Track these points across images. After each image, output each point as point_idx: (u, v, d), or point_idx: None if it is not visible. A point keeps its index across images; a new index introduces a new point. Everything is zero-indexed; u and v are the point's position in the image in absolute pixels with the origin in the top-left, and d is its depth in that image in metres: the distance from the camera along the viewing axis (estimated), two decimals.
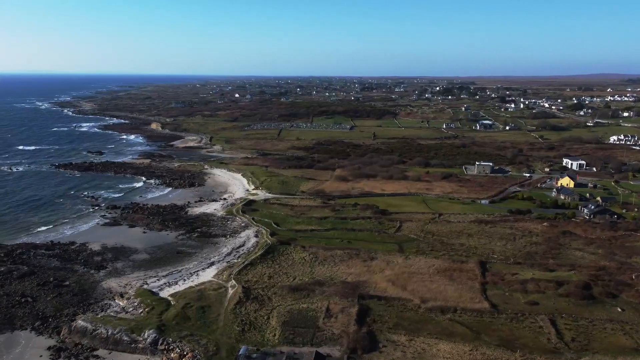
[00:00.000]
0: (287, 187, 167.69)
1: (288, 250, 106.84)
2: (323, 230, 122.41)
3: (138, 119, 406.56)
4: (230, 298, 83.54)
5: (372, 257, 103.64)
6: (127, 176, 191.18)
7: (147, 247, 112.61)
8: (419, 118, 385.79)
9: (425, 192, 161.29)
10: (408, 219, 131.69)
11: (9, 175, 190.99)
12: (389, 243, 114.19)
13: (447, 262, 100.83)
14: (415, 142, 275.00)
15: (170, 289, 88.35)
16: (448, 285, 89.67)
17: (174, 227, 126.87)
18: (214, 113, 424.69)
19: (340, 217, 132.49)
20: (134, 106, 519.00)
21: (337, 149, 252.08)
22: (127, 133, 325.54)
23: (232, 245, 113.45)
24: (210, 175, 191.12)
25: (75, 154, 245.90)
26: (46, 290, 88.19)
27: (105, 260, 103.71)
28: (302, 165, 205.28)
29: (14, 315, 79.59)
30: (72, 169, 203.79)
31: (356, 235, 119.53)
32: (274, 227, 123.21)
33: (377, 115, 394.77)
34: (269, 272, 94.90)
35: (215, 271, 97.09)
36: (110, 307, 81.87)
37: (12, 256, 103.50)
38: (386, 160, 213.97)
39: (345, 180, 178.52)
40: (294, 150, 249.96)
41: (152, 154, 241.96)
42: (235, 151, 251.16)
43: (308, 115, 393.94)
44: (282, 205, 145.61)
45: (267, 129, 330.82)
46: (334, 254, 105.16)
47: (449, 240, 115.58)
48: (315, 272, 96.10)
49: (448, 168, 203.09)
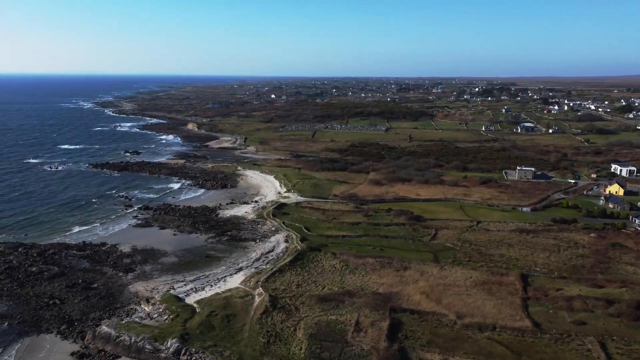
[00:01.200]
0: (319, 190, 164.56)
1: (318, 257, 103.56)
2: (355, 237, 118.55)
3: (175, 119, 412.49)
4: (256, 307, 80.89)
5: (405, 267, 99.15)
6: (162, 176, 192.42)
7: (177, 250, 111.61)
8: (456, 120, 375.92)
9: (463, 198, 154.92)
10: (444, 227, 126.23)
11: (49, 175, 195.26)
12: (424, 252, 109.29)
13: (486, 274, 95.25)
14: (452, 144, 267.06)
15: (196, 295, 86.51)
16: (486, 300, 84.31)
17: (204, 229, 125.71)
18: (249, 114, 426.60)
19: (373, 223, 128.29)
20: (172, 106, 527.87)
21: (371, 151, 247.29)
22: (164, 133, 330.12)
23: (261, 250, 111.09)
24: (242, 177, 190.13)
25: (114, 153, 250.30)
26: (74, 293, 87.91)
27: (134, 263, 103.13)
28: (336, 168, 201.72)
29: (41, 317, 79.36)
30: (109, 169, 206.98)
31: (389, 243, 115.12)
32: (305, 232, 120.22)
33: (414, 116, 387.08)
34: (297, 280, 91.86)
35: (242, 277, 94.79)
36: (136, 313, 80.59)
37: (44, 256, 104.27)
38: (422, 164, 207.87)
39: (379, 184, 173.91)
40: (327, 152, 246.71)
41: (187, 154, 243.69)
42: (268, 152, 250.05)
43: (343, 116, 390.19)
44: (313, 209, 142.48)
45: (301, 130, 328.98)
46: (366, 262, 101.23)
47: (488, 251, 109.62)
48: (345, 281, 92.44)
49: (487, 173, 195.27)
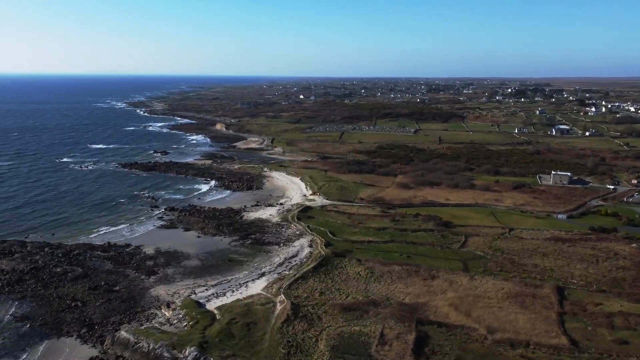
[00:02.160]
0: (345, 193, 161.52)
1: (343, 264, 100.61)
2: (381, 242, 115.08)
3: (204, 120, 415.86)
4: (277, 315, 78.56)
5: (433, 276, 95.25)
6: (188, 177, 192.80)
7: (200, 252, 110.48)
8: (488, 121, 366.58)
9: (494, 204, 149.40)
10: (474, 233, 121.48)
11: (81, 174, 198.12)
12: (453, 260, 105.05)
13: (519, 286, 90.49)
14: (484, 147, 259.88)
15: (217, 301, 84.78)
16: (519, 314, 79.79)
17: (228, 232, 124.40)
18: (277, 114, 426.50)
19: (400, 229, 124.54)
20: (202, 107, 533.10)
21: (399, 153, 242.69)
22: (193, 133, 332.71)
23: (284, 254, 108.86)
24: (268, 178, 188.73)
25: (143, 153, 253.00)
26: (96, 295, 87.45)
27: (157, 266, 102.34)
28: (363, 170, 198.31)
29: (62, 320, 78.97)
30: (137, 169, 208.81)
31: (416, 250, 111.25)
32: (329, 237, 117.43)
33: (444, 118, 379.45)
34: (320, 288, 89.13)
35: (265, 283, 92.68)
36: (156, 318, 79.31)
37: (69, 257, 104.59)
38: (452, 167, 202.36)
39: (407, 187, 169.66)
40: (355, 154, 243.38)
41: (214, 154, 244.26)
42: (295, 154, 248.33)
43: (371, 117, 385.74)
44: (339, 213, 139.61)
45: (329, 131, 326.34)
46: (392, 269, 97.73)
47: (521, 260, 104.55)
48: (370, 289, 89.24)
49: (520, 177, 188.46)
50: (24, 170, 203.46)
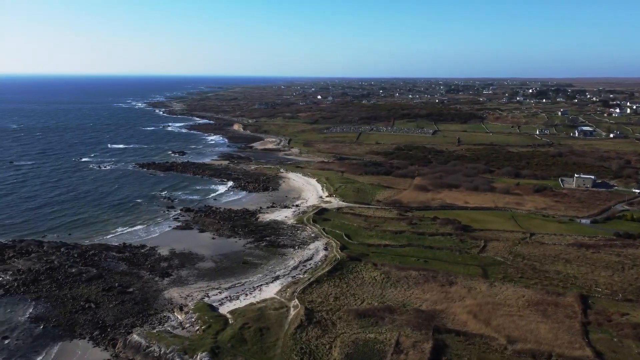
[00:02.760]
0: (362, 195, 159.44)
1: (358, 268, 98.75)
2: (397, 246, 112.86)
3: (222, 120, 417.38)
4: (291, 320, 77.10)
5: (451, 282, 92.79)
6: (205, 178, 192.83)
7: (214, 254, 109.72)
8: (508, 123, 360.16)
9: (515, 207, 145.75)
10: (494, 238, 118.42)
11: (100, 174, 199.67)
12: (471, 265, 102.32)
13: (540, 294, 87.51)
14: (504, 149, 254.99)
15: (230, 305, 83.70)
16: (541, 323, 76.99)
17: (243, 234, 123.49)
18: (294, 115, 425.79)
19: (417, 232, 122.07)
20: (220, 107, 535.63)
21: (417, 155, 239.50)
22: (210, 133, 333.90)
23: (299, 257, 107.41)
24: (285, 180, 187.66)
25: (160, 153, 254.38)
26: (110, 297, 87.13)
27: (171, 267, 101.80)
28: (380, 172, 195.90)
29: (75, 321, 78.71)
30: (154, 169, 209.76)
31: (434, 254, 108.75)
32: (345, 240, 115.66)
33: (463, 119, 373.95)
34: (335, 292, 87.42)
35: (279, 287, 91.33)
36: (168, 321, 78.54)
37: (84, 257, 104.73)
38: (471, 169, 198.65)
39: (425, 190, 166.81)
40: (372, 155, 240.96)
41: (231, 155, 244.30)
42: (312, 154, 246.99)
43: (389, 118, 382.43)
44: (355, 215, 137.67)
45: (346, 132, 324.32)
46: (408, 274, 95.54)
47: (542, 267, 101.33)
48: (386, 295, 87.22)
49: (541, 180, 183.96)
50: (46, 170, 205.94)
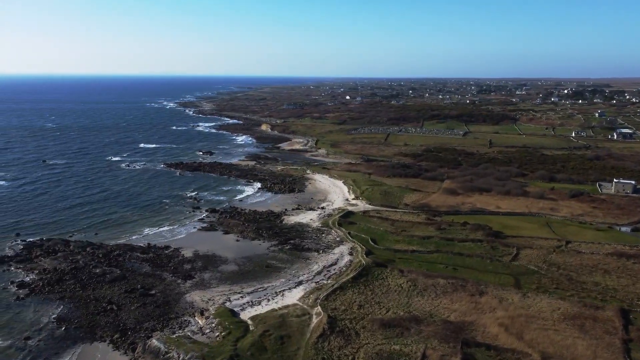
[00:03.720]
0: (389, 198, 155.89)
1: (384, 274, 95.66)
2: (425, 252, 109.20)
3: (251, 120, 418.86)
4: (313, 329, 74.75)
5: (481, 291, 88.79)
6: (231, 178, 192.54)
7: (237, 257, 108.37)
8: (543, 124, 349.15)
9: (550, 213, 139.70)
10: (527, 245, 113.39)
11: (128, 174, 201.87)
12: (503, 274, 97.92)
13: (577, 307, 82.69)
14: (538, 151, 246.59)
15: (251, 310, 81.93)
16: (578, 339, 72.47)
17: (267, 236, 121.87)
18: (322, 115, 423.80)
19: (445, 238, 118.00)
20: (249, 107, 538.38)
21: (447, 157, 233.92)
22: (238, 134, 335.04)
23: (323, 262, 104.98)
24: (311, 181, 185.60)
25: (189, 153, 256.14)
26: (132, 299, 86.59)
27: (194, 270, 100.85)
28: (408, 174, 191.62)
29: (97, 323, 78.27)
30: (182, 169, 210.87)
31: (463, 261, 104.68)
32: (371, 245, 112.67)
33: (495, 120, 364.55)
34: (359, 300, 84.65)
35: (301, 292, 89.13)
36: (188, 326, 77.26)
37: (109, 257, 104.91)
38: (503, 172, 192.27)
39: (455, 193, 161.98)
40: (400, 157, 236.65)
41: (258, 155, 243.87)
42: (339, 156, 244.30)
43: (418, 119, 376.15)
44: (381, 219, 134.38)
45: (374, 133, 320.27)
46: (436, 282, 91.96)
47: (579, 277, 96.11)
48: (412, 304, 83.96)
49: (578, 184, 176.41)
50: (77, 169, 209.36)
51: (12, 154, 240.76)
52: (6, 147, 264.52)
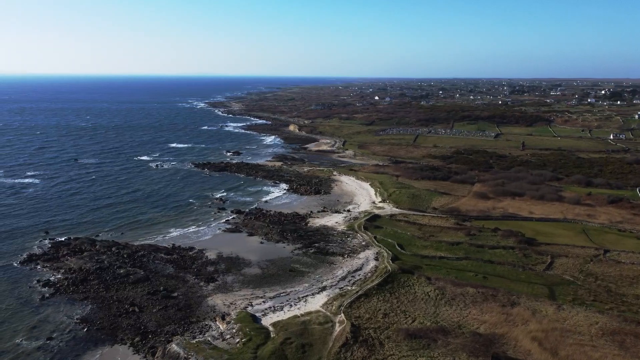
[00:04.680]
0: (417, 201, 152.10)
1: (410, 282, 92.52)
2: (454, 259, 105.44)
3: (279, 120, 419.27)
4: (336, 337, 72.39)
5: (512, 302, 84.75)
6: (258, 179, 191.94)
7: (261, 260, 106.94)
8: (579, 126, 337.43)
9: (586, 220, 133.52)
10: (562, 254, 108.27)
11: (156, 173, 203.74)
12: (536, 284, 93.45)
13: (617, 321, 77.87)
14: (573, 154, 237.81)
15: (273, 316, 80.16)
16: (618, 357, 68.00)
17: (291, 239, 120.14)
18: (350, 116, 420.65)
19: (475, 244, 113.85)
20: (277, 107, 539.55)
21: (478, 159, 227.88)
22: (266, 134, 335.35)
23: (348, 267, 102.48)
24: (337, 183, 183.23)
25: (216, 153, 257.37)
26: (154, 301, 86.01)
27: (217, 272, 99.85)
28: (437, 177, 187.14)
29: (118, 325, 77.85)
30: (209, 169, 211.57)
31: (494, 269, 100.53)
32: (397, 250, 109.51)
33: (528, 121, 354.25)
34: (384, 308, 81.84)
35: (325, 299, 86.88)
36: (209, 330, 75.99)
37: (133, 258, 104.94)
38: (536, 176, 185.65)
39: (486, 197, 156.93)
40: (429, 159, 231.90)
41: (285, 156, 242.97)
42: (366, 157, 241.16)
43: (448, 120, 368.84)
44: (409, 223, 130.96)
45: (402, 134, 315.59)
46: (465, 291, 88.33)
47: (619, 289, 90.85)
48: (439, 314, 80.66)
49: (617, 190, 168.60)
50: (107, 168, 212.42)
51: (50, 153, 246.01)
52: (43, 145, 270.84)
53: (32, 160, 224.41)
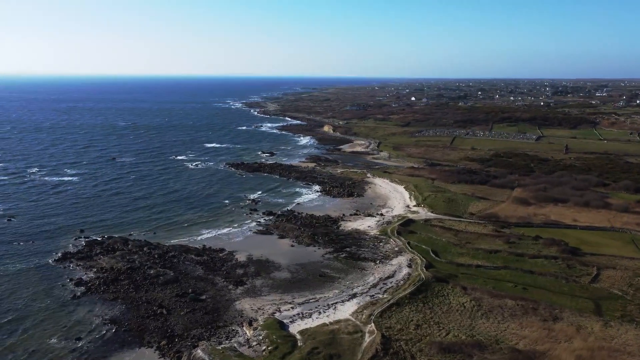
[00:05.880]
0: (453, 206, 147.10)
1: (445, 291, 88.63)
2: (491, 268, 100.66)
3: (313, 121, 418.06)
4: (365, 349, 69.53)
5: (555, 317, 79.80)
6: (291, 180, 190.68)
7: (291, 264, 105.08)
8: (626, 129, 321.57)
9: (635, 229, 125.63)
10: (609, 265, 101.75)
11: (191, 173, 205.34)
12: (581, 298, 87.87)
13: None
14: (621, 159, 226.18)
15: (301, 323, 78.00)
16: None
17: (322, 242, 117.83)
18: (386, 117, 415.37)
19: (515, 253, 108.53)
20: (312, 108, 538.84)
21: (518, 162, 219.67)
22: (301, 135, 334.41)
23: (380, 274, 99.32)
24: (371, 185, 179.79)
25: (251, 153, 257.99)
26: (182, 303, 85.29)
27: (246, 275, 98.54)
28: (474, 181, 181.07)
29: (146, 327, 77.35)
30: (243, 169, 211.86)
31: (535, 281, 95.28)
32: (431, 257, 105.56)
33: (572, 124, 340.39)
34: (417, 319, 78.38)
35: (355, 306, 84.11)
36: (235, 336, 74.49)
37: (164, 258, 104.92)
38: (581, 181, 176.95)
39: (526, 203, 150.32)
40: (466, 162, 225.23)
41: (319, 157, 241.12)
42: (401, 159, 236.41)
43: (487, 121, 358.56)
44: (444, 229, 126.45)
45: (439, 135, 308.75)
46: (503, 303, 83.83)
47: None
48: (476, 327, 76.60)
49: None
50: (143, 167, 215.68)
51: (94, 152, 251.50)
52: (88, 145, 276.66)
53: (77, 159, 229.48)
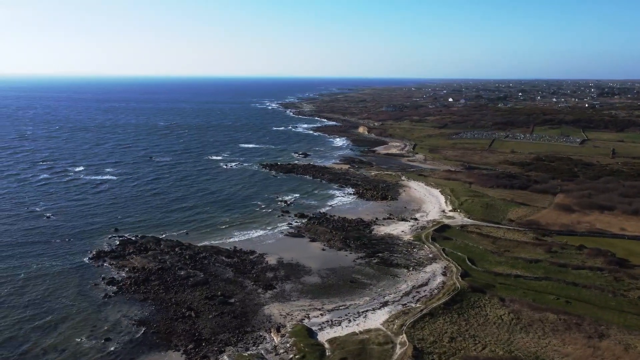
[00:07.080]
0: (491, 212, 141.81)
1: (481, 302, 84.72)
2: (532, 279, 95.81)
3: (348, 122, 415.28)
4: None
5: (601, 333, 74.80)
6: (324, 182, 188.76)
7: (321, 268, 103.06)
8: None
9: None
10: None
11: (225, 174, 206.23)
12: (630, 314, 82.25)
13: None
14: None
15: (330, 331, 75.85)
16: None
17: (354, 247, 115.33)
18: (422, 118, 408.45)
19: (557, 263, 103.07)
20: (348, 109, 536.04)
21: (561, 167, 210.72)
22: (335, 136, 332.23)
23: (413, 281, 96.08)
24: (405, 188, 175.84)
25: (285, 154, 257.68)
26: (210, 306, 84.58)
27: (276, 279, 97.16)
28: (514, 185, 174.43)
29: (174, 330, 76.90)
30: (276, 170, 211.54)
31: (579, 294, 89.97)
32: (467, 265, 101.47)
33: (619, 126, 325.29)
34: (451, 331, 74.96)
35: (386, 315, 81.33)
36: (262, 343, 73.06)
37: (195, 259, 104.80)
38: (629, 188, 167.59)
39: (569, 210, 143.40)
40: (506, 166, 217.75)
41: (353, 159, 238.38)
42: (437, 162, 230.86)
43: (528, 124, 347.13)
44: (481, 235, 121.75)
45: (477, 138, 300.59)
46: (544, 317, 79.34)
47: None
48: (514, 342, 72.56)
49: None
50: (180, 167, 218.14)
51: (136, 151, 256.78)
52: (129, 145, 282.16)
53: (119, 159, 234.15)
